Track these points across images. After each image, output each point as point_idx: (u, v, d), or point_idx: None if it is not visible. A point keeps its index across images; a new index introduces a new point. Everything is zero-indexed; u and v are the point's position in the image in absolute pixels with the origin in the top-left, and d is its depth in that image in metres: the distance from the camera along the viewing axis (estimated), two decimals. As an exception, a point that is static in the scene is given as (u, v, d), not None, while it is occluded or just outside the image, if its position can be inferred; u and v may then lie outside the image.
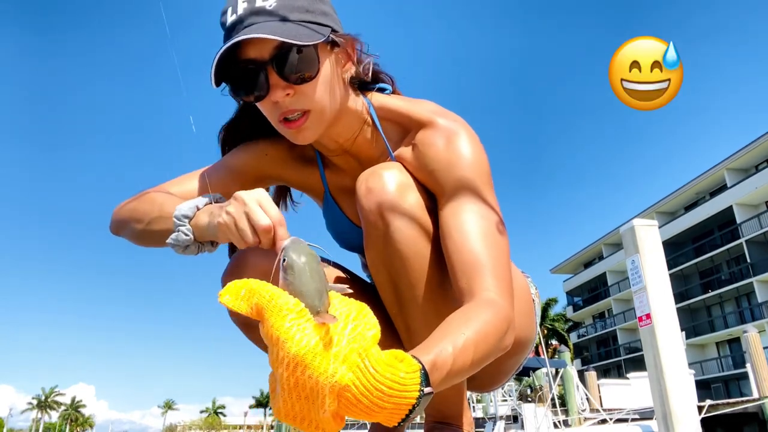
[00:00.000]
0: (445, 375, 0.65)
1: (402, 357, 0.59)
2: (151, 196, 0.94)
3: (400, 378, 0.57)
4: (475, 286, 0.83)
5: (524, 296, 1.12)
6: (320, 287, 0.63)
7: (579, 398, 14.46)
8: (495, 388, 1.26)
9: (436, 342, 0.67)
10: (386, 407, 0.56)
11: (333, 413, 0.57)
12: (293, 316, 0.58)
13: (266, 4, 0.86)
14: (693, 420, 4.26)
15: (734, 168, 29.06)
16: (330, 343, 0.57)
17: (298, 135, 0.92)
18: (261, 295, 0.61)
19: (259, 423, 58.51)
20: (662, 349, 4.33)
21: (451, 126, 0.96)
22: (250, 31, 0.83)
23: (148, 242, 0.93)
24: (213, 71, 0.84)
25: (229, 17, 0.87)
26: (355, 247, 1.15)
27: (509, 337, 0.80)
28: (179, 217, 0.81)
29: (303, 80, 0.87)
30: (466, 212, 0.90)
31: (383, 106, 1.03)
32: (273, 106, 0.89)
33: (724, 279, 30.31)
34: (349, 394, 0.55)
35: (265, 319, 0.59)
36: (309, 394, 0.57)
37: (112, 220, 0.99)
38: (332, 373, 0.55)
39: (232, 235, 0.75)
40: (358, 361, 0.57)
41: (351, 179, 1.07)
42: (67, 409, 63.63)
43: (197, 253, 0.84)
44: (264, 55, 0.85)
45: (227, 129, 1.10)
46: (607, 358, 37.89)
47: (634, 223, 4.72)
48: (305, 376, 0.56)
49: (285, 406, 0.59)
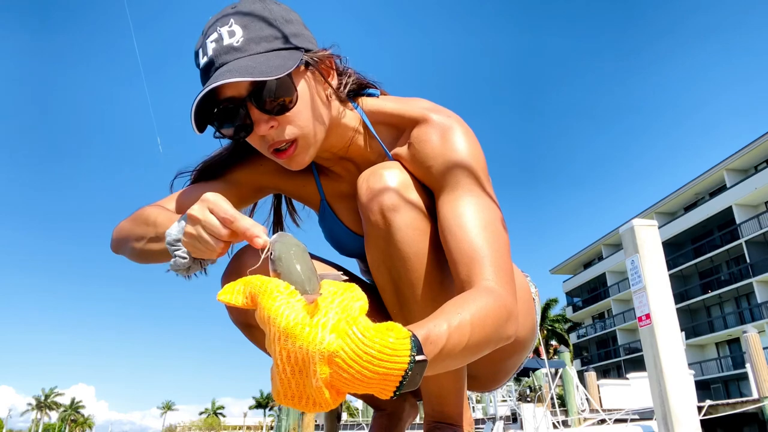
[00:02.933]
0: (439, 351, 0.65)
1: (392, 327, 0.59)
2: (146, 216, 0.93)
3: (389, 343, 0.57)
4: (475, 276, 0.83)
5: (524, 296, 1.12)
6: (308, 273, 0.64)
7: (578, 399, 14.47)
8: (496, 387, 1.26)
9: (430, 319, 0.68)
10: (378, 371, 0.56)
11: (327, 383, 0.57)
12: (282, 296, 0.61)
13: (233, 41, 0.85)
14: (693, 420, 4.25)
15: (734, 168, 29.07)
16: (318, 315, 0.59)
17: (291, 163, 0.93)
18: (253, 284, 0.64)
19: (259, 424, 58.51)
20: (662, 350, 4.32)
21: (444, 121, 0.96)
22: (221, 74, 0.82)
23: (146, 261, 0.94)
24: (193, 119, 0.83)
25: (201, 59, 0.88)
26: (354, 253, 1.15)
27: (510, 327, 0.79)
28: (171, 242, 0.81)
29: (283, 109, 0.87)
30: (464, 205, 0.90)
31: (375, 110, 1.03)
32: (261, 140, 0.90)
33: (723, 279, 30.31)
34: (339, 360, 0.56)
35: (258, 303, 0.62)
36: (301, 366, 0.58)
37: (112, 239, 1.00)
38: (320, 341, 0.57)
39: (200, 252, 0.77)
40: (346, 329, 0.58)
41: (348, 185, 1.08)
42: (66, 410, 63.59)
43: (202, 268, 0.84)
44: (241, 92, 0.85)
45: (221, 159, 1.08)
46: (607, 359, 37.90)
47: (633, 223, 4.71)
48: (296, 347, 0.57)
49: (282, 384, 0.60)
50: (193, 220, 0.75)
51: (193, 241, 0.76)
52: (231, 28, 0.86)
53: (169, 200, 1.03)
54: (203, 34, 0.89)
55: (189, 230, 0.76)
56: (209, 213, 0.74)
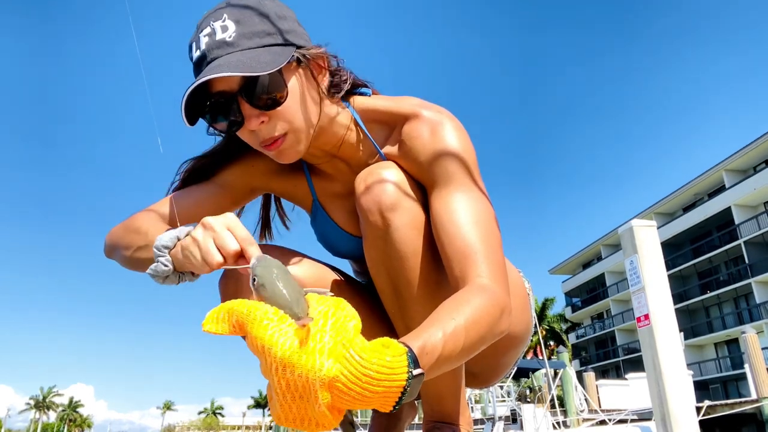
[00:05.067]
0: (436, 360, 0.66)
1: (388, 343, 0.60)
2: (138, 224, 0.93)
3: (387, 362, 0.57)
4: (468, 273, 0.83)
5: (519, 291, 1.12)
6: (295, 295, 0.64)
7: (577, 399, 14.47)
8: (493, 383, 1.27)
9: (424, 329, 0.68)
10: (377, 391, 0.57)
11: (329, 406, 0.58)
12: (273, 324, 0.60)
13: (226, 35, 0.85)
14: (692, 421, 4.26)
15: (733, 169, 29.11)
16: (313, 341, 0.58)
17: (281, 156, 0.93)
18: (239, 311, 0.62)
19: (258, 423, 58.49)
20: (661, 350, 4.32)
21: (435, 116, 0.97)
22: (212, 68, 0.82)
23: (136, 269, 0.93)
24: (184, 112, 0.83)
25: (194, 53, 0.88)
26: (347, 254, 1.15)
27: (504, 323, 0.80)
28: (159, 247, 0.80)
29: (274, 105, 0.87)
30: (456, 201, 0.90)
31: (366, 108, 1.03)
32: (251, 134, 0.90)
33: (722, 280, 30.35)
34: (340, 384, 0.56)
35: (248, 332, 0.61)
36: (302, 392, 0.58)
37: (105, 245, 1.00)
38: (319, 368, 0.56)
39: (193, 258, 0.75)
40: (343, 352, 0.58)
41: (341, 184, 1.08)
42: (65, 410, 63.55)
43: (178, 283, 0.83)
44: (233, 86, 0.85)
45: (214, 155, 1.08)
46: (606, 359, 37.92)
47: (632, 223, 4.72)
48: (295, 375, 0.57)
49: (283, 409, 0.60)
50: (208, 228, 0.75)
51: (194, 248, 0.75)
52: (224, 22, 0.87)
53: (161, 204, 1.02)
54: (197, 28, 0.89)
55: (197, 235, 0.75)
56: (226, 229, 0.74)
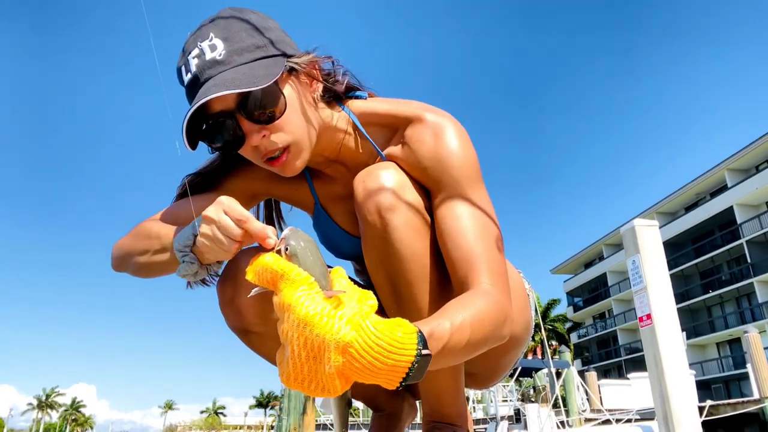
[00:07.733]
0: (442, 348, 0.69)
1: (400, 322, 0.65)
2: (147, 230, 0.94)
3: (398, 337, 0.62)
4: (472, 279, 0.86)
5: (519, 293, 1.13)
6: (323, 269, 0.70)
7: (579, 399, 14.46)
8: (493, 384, 1.27)
9: (434, 318, 0.72)
10: (387, 363, 0.62)
11: (338, 371, 0.62)
12: (304, 287, 0.66)
13: (216, 54, 0.85)
14: (694, 421, 4.25)
15: (735, 168, 29.07)
16: (335, 308, 0.64)
17: (285, 170, 0.94)
18: (275, 269, 0.69)
19: (259, 423, 58.50)
20: (663, 350, 4.32)
21: (438, 120, 0.97)
22: (207, 88, 0.82)
23: (152, 274, 0.94)
24: (185, 137, 0.83)
25: (185, 76, 0.87)
26: (349, 254, 1.16)
27: (506, 328, 0.84)
28: (180, 248, 0.83)
29: (273, 118, 0.87)
30: (460, 208, 0.92)
31: (365, 111, 1.03)
32: (253, 150, 0.90)
33: (724, 279, 30.31)
34: (353, 350, 0.61)
35: (279, 289, 0.67)
36: (317, 352, 0.63)
37: (113, 258, 0.99)
38: (337, 331, 0.62)
39: (215, 252, 0.80)
40: (360, 322, 0.63)
41: (341, 186, 1.08)
42: (67, 409, 63.65)
43: (209, 274, 0.87)
44: (230, 105, 0.85)
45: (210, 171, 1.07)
46: (608, 359, 37.89)
47: (634, 223, 4.71)
48: (313, 334, 0.62)
49: (294, 368, 0.64)
50: (209, 221, 0.78)
51: (209, 242, 0.79)
52: (212, 42, 0.86)
53: (165, 213, 1.02)
54: (183, 52, 0.88)
55: (204, 230, 0.79)
56: (224, 214, 0.77)
